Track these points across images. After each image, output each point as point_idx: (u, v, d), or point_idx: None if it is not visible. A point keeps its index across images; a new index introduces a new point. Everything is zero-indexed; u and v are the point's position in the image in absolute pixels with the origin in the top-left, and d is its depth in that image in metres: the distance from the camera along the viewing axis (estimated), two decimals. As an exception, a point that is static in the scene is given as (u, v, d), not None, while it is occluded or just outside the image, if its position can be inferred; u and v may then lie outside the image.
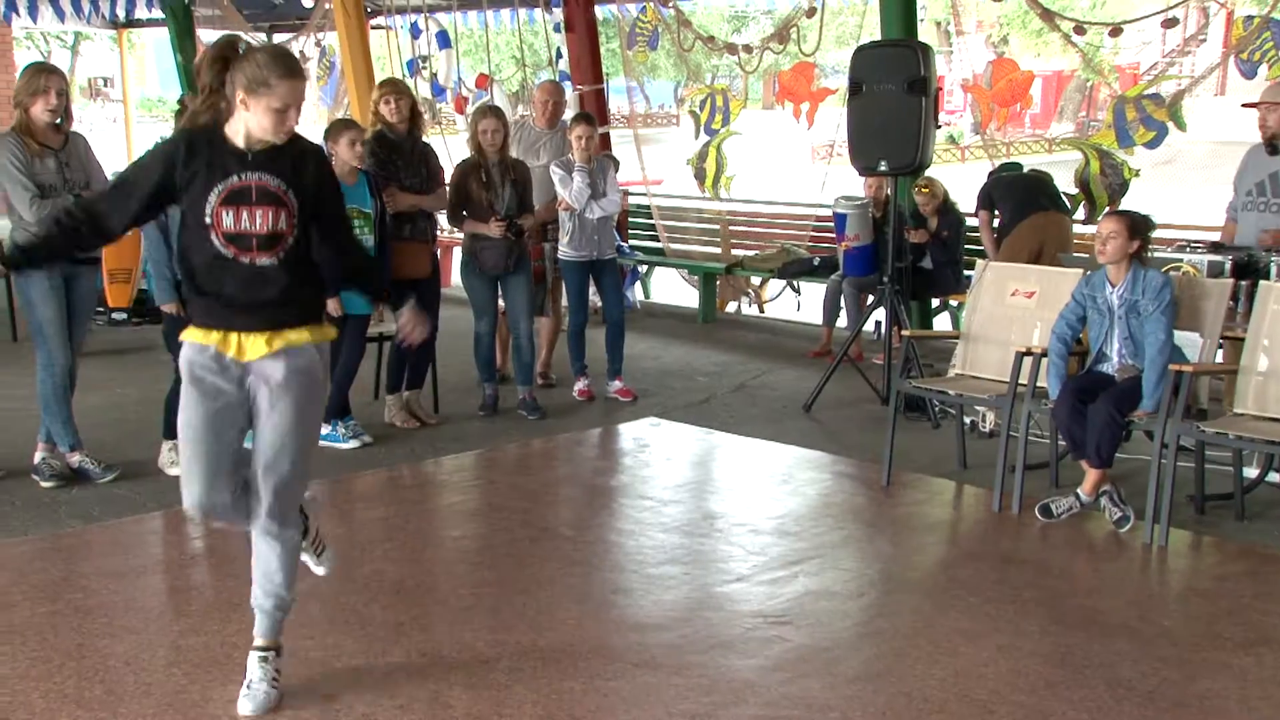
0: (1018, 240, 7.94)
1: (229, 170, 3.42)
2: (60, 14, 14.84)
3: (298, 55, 14.70)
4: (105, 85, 33.90)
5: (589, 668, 3.92)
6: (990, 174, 8.59)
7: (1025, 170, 8.58)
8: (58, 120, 5.65)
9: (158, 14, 15.89)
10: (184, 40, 14.52)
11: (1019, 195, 8.13)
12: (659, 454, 6.63)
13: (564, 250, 7.46)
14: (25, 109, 5.58)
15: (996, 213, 8.26)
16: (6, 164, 5.50)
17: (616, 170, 7.81)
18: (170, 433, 5.97)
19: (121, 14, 16.42)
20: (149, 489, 5.76)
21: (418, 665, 3.93)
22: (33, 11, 14.59)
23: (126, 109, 20.74)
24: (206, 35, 15.60)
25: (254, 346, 3.47)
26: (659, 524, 5.40)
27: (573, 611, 4.40)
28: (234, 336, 3.47)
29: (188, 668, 3.88)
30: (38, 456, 5.86)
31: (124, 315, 9.52)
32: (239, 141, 3.42)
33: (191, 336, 3.52)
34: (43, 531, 5.21)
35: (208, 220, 3.41)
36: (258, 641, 3.66)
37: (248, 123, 3.39)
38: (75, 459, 5.88)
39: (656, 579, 4.75)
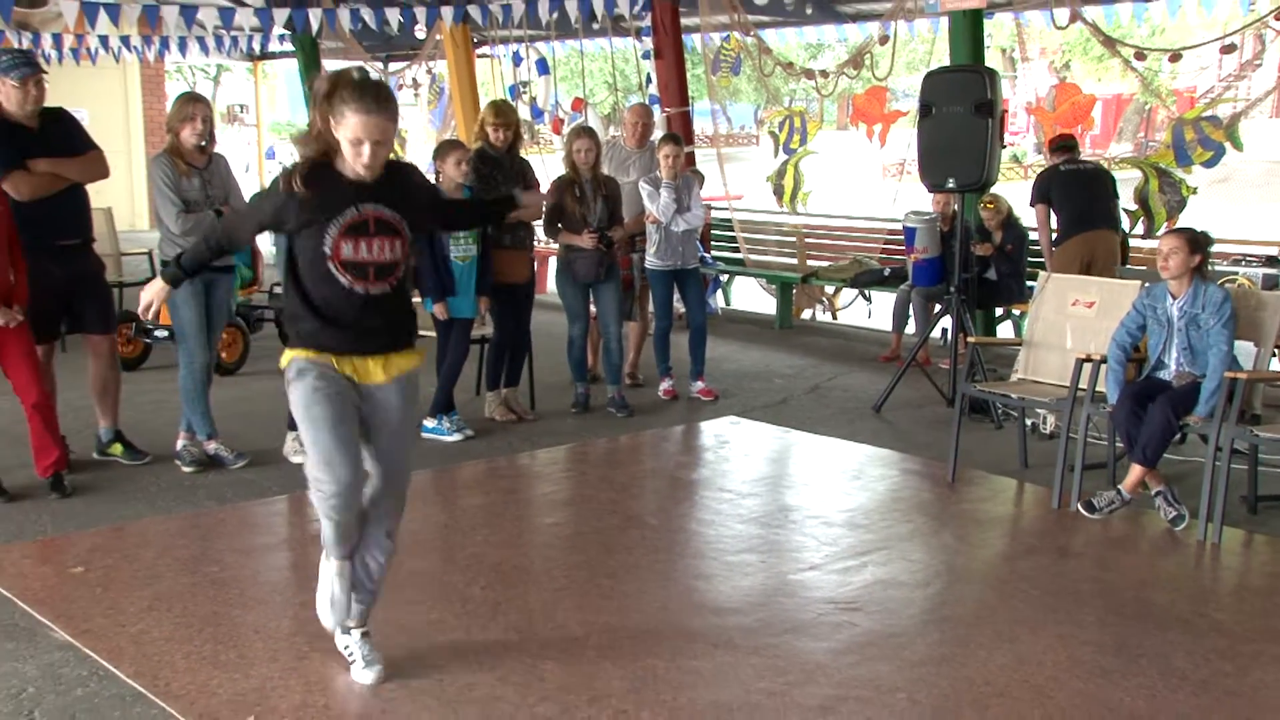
0: (1067, 253, 7.79)
1: (347, 202, 3.29)
2: (205, 49, 15.26)
3: (410, 81, 14.96)
4: (242, 111, 34.62)
5: (672, 647, 3.91)
6: (1042, 172, 8.38)
7: (1081, 162, 8.25)
8: (203, 143, 5.78)
9: (288, 47, 16.23)
10: (311, 70, 14.77)
11: (1076, 204, 7.90)
12: (738, 450, 6.60)
13: (651, 260, 7.46)
14: (176, 133, 5.73)
15: (1053, 212, 8.06)
16: (159, 181, 5.65)
17: (700, 186, 7.79)
18: (294, 424, 6.08)
19: (257, 48, 16.81)
20: (274, 475, 5.86)
21: (514, 641, 3.94)
22: (182, 47, 15.04)
23: (259, 132, 21.23)
24: (330, 65, 15.89)
25: (369, 371, 3.41)
26: (737, 515, 5.37)
27: (657, 595, 4.39)
28: (348, 360, 3.40)
29: (308, 636, 3.93)
30: (179, 444, 5.99)
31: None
32: (348, 173, 3.30)
33: (302, 355, 3.41)
34: (183, 511, 5.33)
35: (327, 251, 3.30)
36: (364, 626, 3.69)
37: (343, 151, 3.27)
38: (211, 447, 6.00)
39: (735, 566, 4.73)
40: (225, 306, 6.10)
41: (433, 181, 6.49)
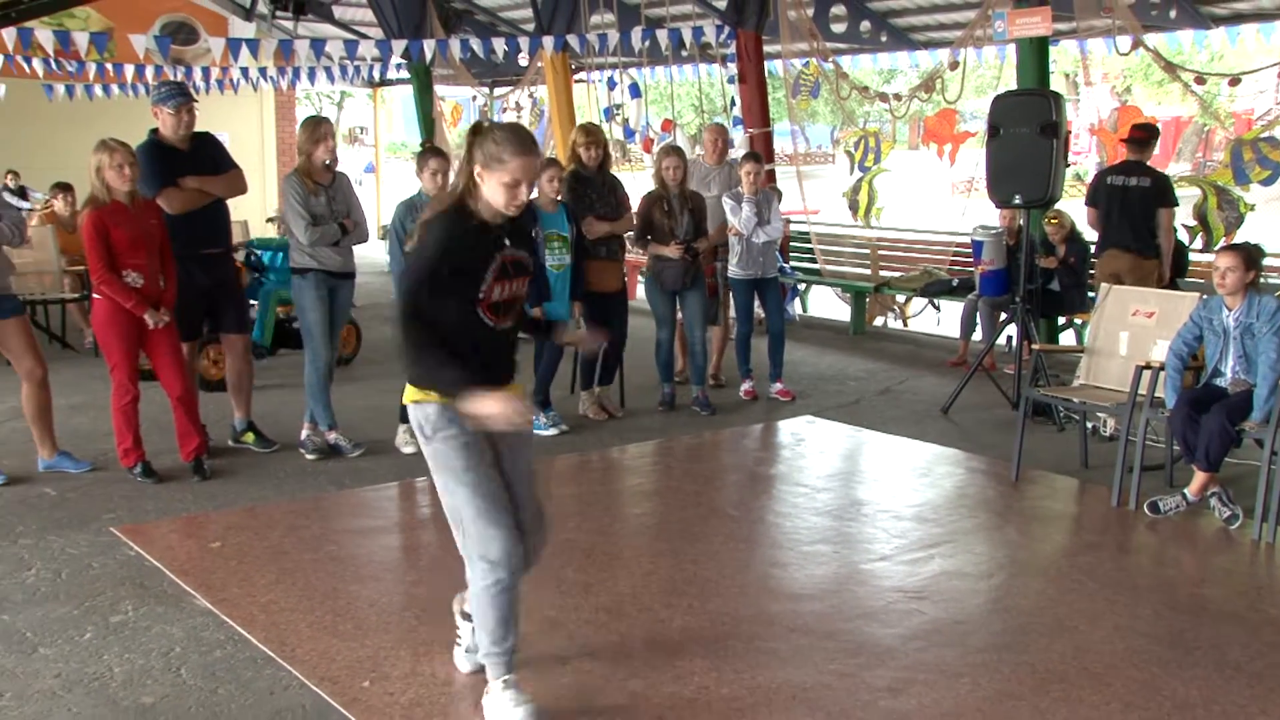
0: (1101, 266, 7.67)
1: (495, 249, 3.11)
2: (331, 77, 15.64)
3: (513, 105, 15.10)
4: (361, 133, 35.28)
5: (750, 630, 3.89)
6: (1097, 174, 8.11)
7: (1128, 174, 7.71)
8: (329, 161, 5.89)
9: (404, 74, 16.48)
10: (424, 95, 14.99)
11: (1112, 221, 7.64)
12: (813, 447, 6.55)
13: (733, 269, 7.44)
14: (308, 155, 5.86)
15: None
16: (290, 198, 5.78)
17: (779, 201, 7.75)
18: (404, 416, 6.17)
19: (376, 76, 17.14)
20: (387, 464, 5.96)
21: (603, 620, 3.96)
22: (311, 76, 15.43)
23: (377, 152, 21.59)
24: (441, 90, 16.11)
25: None
26: (812, 508, 5.33)
27: (736, 581, 4.37)
28: None
29: (417, 611, 4.00)
30: (303, 434, 6.11)
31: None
32: (487, 216, 3.10)
33: (431, 399, 3.12)
34: (306, 495, 5.44)
35: (480, 296, 3.10)
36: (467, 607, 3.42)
37: (489, 197, 3.08)
38: (332, 437, 6.12)
39: (810, 555, 4.69)
40: (347, 309, 6.21)
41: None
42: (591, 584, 4.30)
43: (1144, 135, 7.74)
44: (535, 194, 6.46)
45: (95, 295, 5.42)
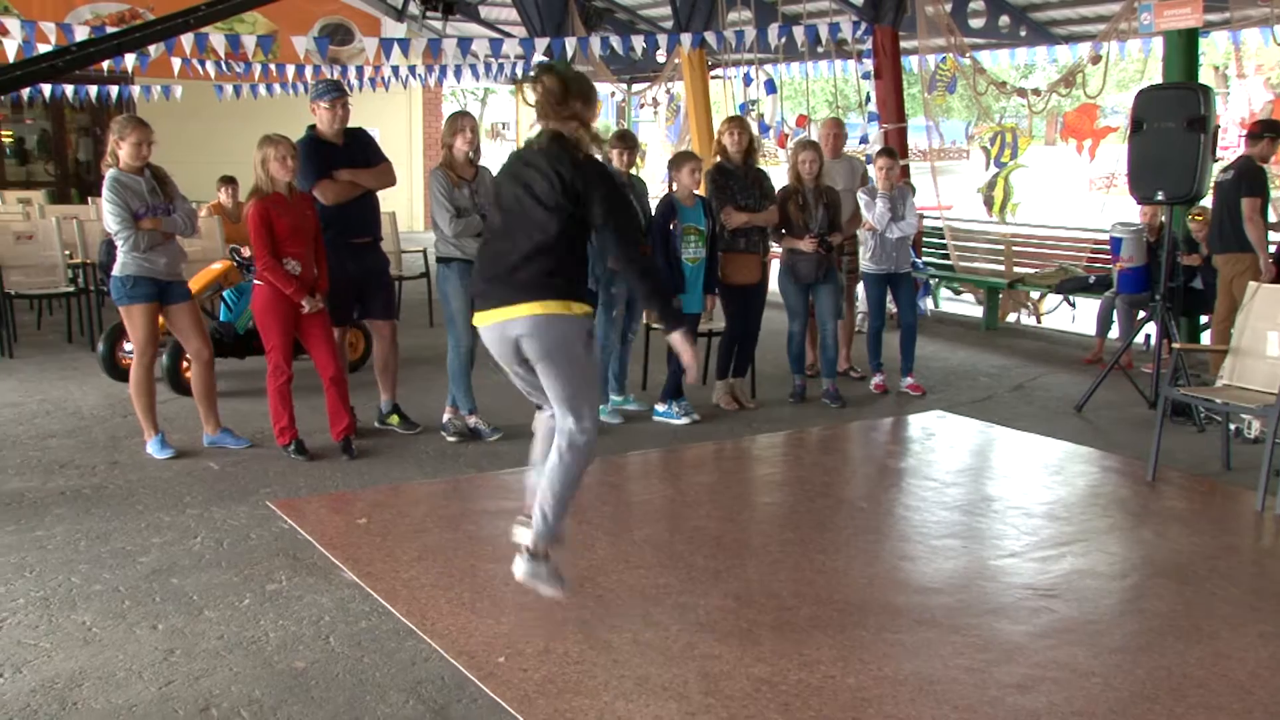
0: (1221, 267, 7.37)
1: None
2: (476, 74, 15.97)
3: (650, 100, 15.14)
4: (503, 129, 35.90)
5: (878, 621, 3.83)
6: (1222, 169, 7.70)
7: (1226, 171, 7.37)
8: (472, 153, 6.00)
9: (545, 71, 16.68)
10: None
11: (1218, 218, 7.30)
12: (943, 442, 6.40)
13: (865, 264, 7.32)
14: (449, 146, 5.98)
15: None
16: (435, 191, 5.91)
17: (913, 196, 7.58)
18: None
19: (519, 72, 17.38)
20: (524, 448, 5.94)
21: (732, 606, 3.95)
22: (457, 74, 15.79)
23: (519, 146, 21.94)
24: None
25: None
26: (941, 502, 5.22)
27: (864, 572, 4.31)
28: None
29: (551, 591, 4.05)
30: (445, 417, 6.25)
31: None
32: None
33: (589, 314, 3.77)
34: (447, 476, 5.57)
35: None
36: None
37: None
38: (472, 420, 6.24)
39: (938, 549, 4.59)
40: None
41: (668, 189, 6.58)
42: (721, 571, 4.29)
43: (1256, 129, 7.44)
44: (675, 187, 6.48)
45: (256, 281, 5.64)
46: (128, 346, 6.53)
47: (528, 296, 3.64)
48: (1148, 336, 7.94)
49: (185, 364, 6.70)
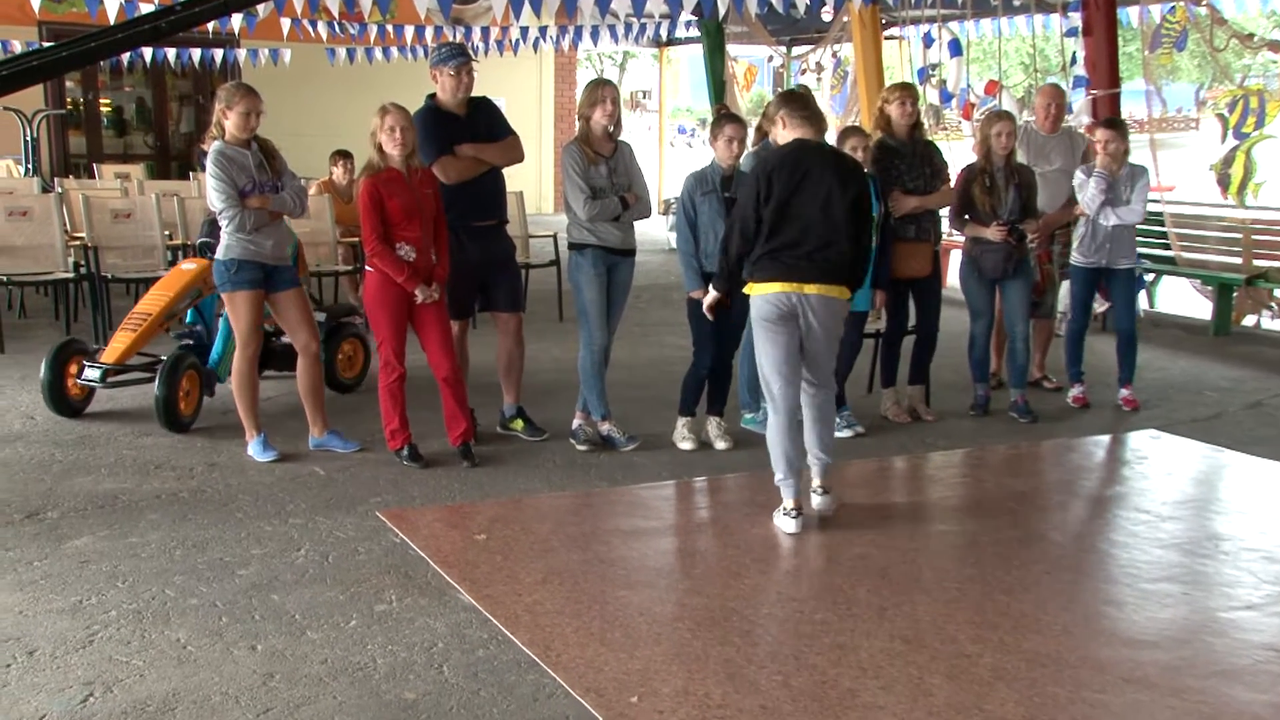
0: None
1: None
2: (615, 37, 16.10)
3: (813, 66, 15.06)
4: (644, 98, 36.26)
5: (1075, 676, 3.72)
6: None
7: None
8: (611, 126, 6.07)
9: (694, 33, 16.77)
10: (715, 55, 15.17)
11: None
12: (1158, 467, 6.18)
13: (1074, 255, 7.13)
14: (586, 119, 6.06)
15: None
16: (568, 169, 6.00)
17: (1145, 180, 7.16)
18: (686, 409, 6.29)
19: (664, 34, 17.51)
20: (663, 459, 6.09)
21: (899, 650, 3.89)
22: (594, 36, 15.96)
23: (661, 118, 22.08)
24: (734, 50, 16.27)
25: None
26: (1155, 539, 5.03)
27: (1059, 618, 4.19)
28: None
29: (691, 624, 4.07)
30: (575, 423, 6.33)
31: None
32: None
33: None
34: (576, 489, 5.65)
35: None
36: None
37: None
38: (605, 427, 6.31)
39: (1151, 595, 4.43)
40: (627, 288, 6.31)
41: None
42: (887, 608, 4.24)
43: None
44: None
45: (367, 268, 5.82)
46: (81, 371, 6.54)
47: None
48: None
49: (183, 391, 6.37)
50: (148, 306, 6.80)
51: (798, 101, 5.20)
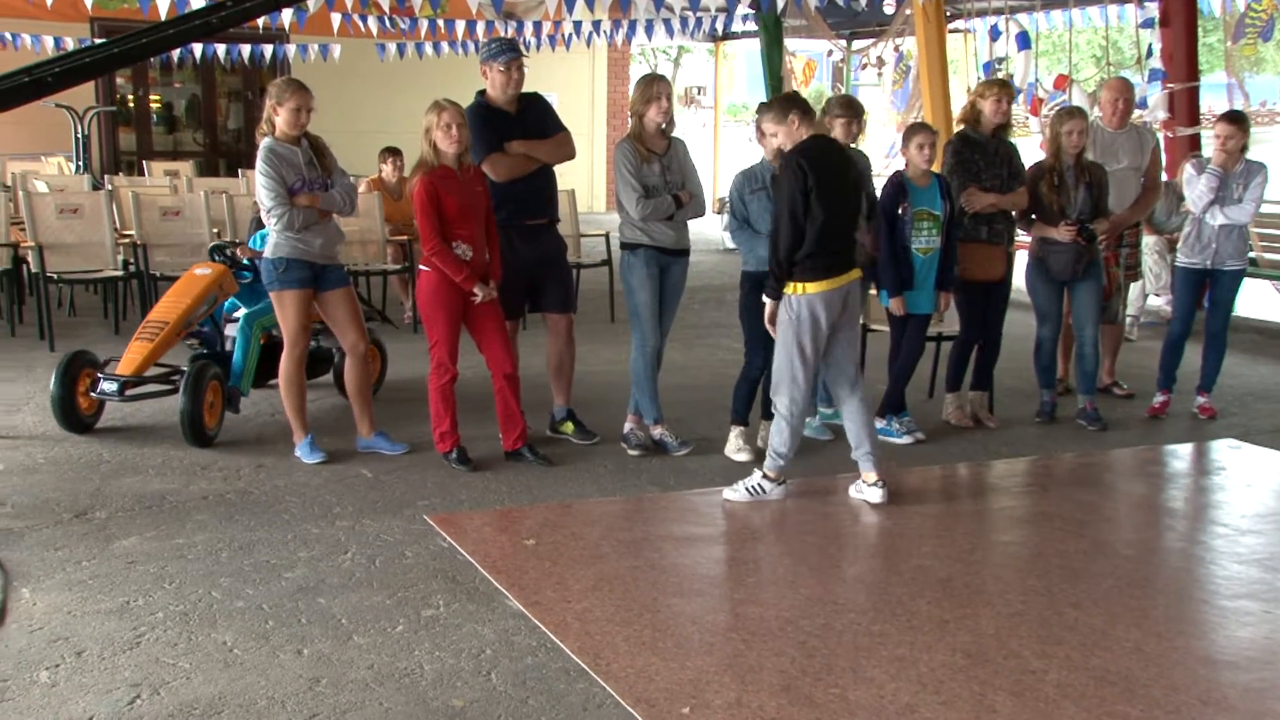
0: None
1: None
2: (670, 31, 16.08)
3: (874, 60, 14.98)
4: (699, 94, 36.21)
5: (1147, 696, 3.67)
6: None
7: None
8: (664, 124, 6.08)
9: (751, 26, 16.75)
10: (772, 50, 15.15)
11: None
12: (1237, 479, 6.08)
13: (1180, 254, 7.03)
14: (640, 116, 6.07)
15: None
16: (621, 167, 6.01)
17: (1262, 178, 6.97)
18: (739, 417, 6.27)
19: (720, 28, 17.49)
20: (716, 465, 6.08)
21: (961, 664, 3.86)
22: (649, 30, 15.98)
23: (716, 114, 22.06)
24: (793, 44, 16.22)
25: None
26: (1234, 554, 4.95)
27: (1130, 634, 4.14)
28: None
29: (745, 635, 4.06)
30: (626, 427, 6.35)
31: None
32: None
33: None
34: (627, 494, 5.66)
35: None
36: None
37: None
38: (657, 432, 6.31)
39: (1230, 613, 4.36)
40: (680, 289, 6.31)
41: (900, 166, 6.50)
42: (948, 621, 4.20)
43: None
44: (905, 165, 6.40)
45: (422, 267, 5.86)
46: (95, 384, 6.33)
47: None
48: None
49: (208, 403, 6.21)
50: (163, 314, 6.57)
51: (800, 103, 5.49)
